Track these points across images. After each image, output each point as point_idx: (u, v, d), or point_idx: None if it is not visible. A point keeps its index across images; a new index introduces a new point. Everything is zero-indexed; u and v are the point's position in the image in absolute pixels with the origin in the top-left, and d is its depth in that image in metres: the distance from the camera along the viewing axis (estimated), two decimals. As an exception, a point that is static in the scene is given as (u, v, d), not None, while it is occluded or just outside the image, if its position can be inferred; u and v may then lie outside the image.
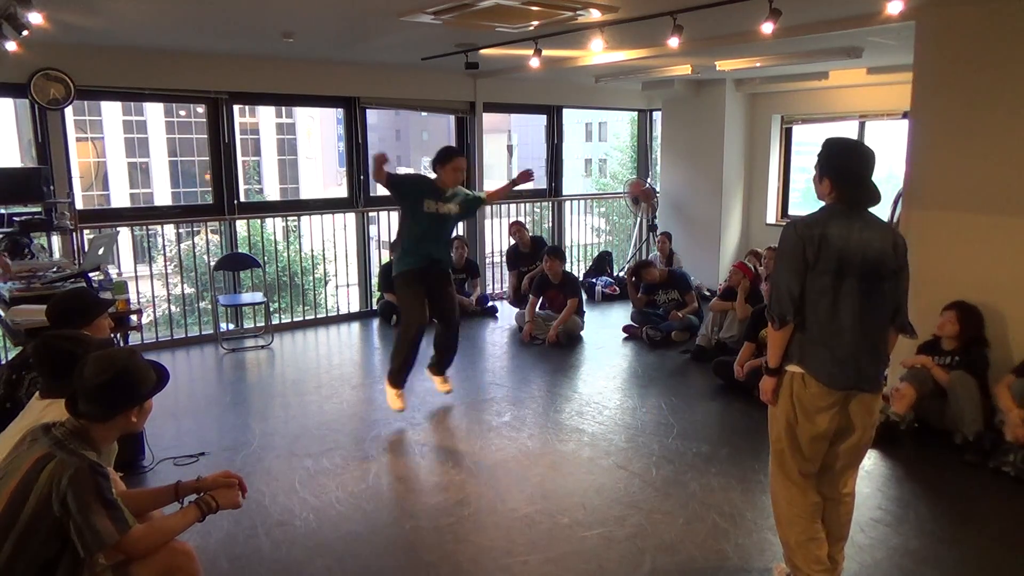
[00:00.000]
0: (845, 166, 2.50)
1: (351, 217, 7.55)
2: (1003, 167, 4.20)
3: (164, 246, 7.96)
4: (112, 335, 3.90)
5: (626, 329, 6.75)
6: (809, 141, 8.51)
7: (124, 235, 10.10)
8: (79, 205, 6.42)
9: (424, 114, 14.24)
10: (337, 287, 9.25)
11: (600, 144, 33.51)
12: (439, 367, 4.96)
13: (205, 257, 10.14)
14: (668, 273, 6.82)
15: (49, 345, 2.48)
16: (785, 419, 2.60)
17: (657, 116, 9.41)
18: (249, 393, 5.33)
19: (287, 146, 36.77)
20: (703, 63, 6.78)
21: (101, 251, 5.06)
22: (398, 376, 4.68)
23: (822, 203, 2.59)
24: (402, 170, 4.85)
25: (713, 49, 5.79)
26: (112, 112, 30.62)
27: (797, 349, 2.53)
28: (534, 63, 5.73)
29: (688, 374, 5.66)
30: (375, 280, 7.71)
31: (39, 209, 5.51)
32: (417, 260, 4.59)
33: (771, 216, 8.52)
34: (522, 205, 9.15)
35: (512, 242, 7.87)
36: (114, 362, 2.11)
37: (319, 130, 37.36)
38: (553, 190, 8.98)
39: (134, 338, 5.70)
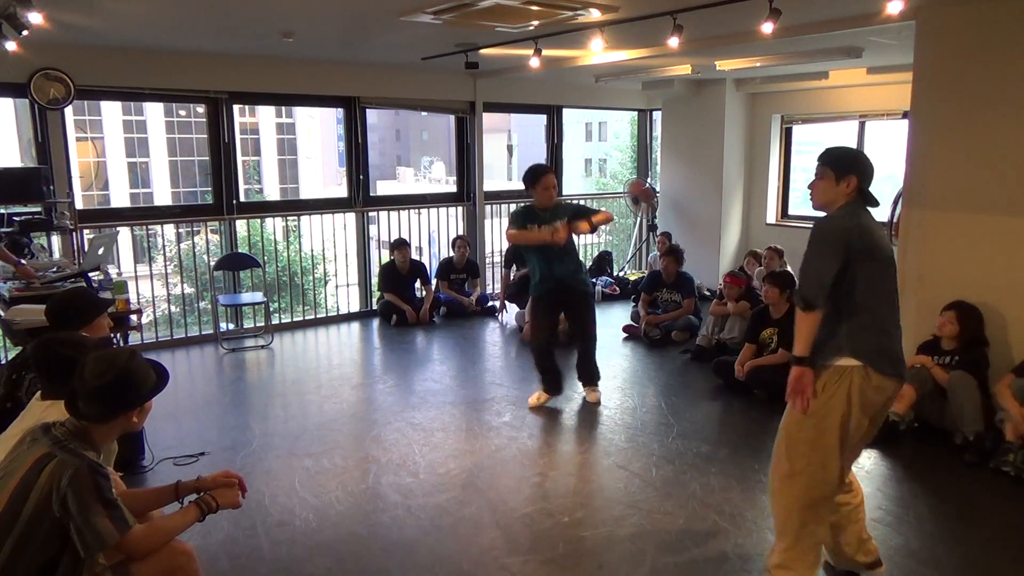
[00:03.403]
0: (868, 168, 2.62)
1: (351, 217, 7.55)
2: (1003, 167, 4.20)
3: (164, 246, 7.96)
4: (112, 335, 3.90)
5: (626, 329, 6.75)
6: (809, 141, 8.51)
7: (124, 235, 10.10)
8: (79, 205, 6.42)
9: (424, 114, 14.22)
10: (337, 287, 9.25)
11: (600, 144, 33.52)
12: (580, 378, 5.07)
13: (205, 257, 10.14)
14: (677, 274, 6.81)
15: (48, 349, 2.47)
16: (840, 416, 2.54)
17: (657, 116, 9.41)
18: (249, 393, 5.33)
19: (287, 146, 36.78)
20: (703, 63, 6.78)
21: (101, 251, 5.06)
22: (542, 382, 4.92)
23: (823, 207, 2.64)
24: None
25: (713, 49, 5.79)
26: (112, 112, 30.63)
27: (848, 340, 2.52)
28: (534, 63, 5.73)
29: (688, 374, 5.66)
30: (375, 280, 7.71)
31: (39, 209, 5.51)
32: (546, 284, 4.76)
33: (771, 216, 8.52)
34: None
35: None
36: (114, 363, 2.11)
37: (319, 130, 37.36)
38: (553, 190, 8.96)
39: (134, 338, 5.70)
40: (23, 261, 4.75)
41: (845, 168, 2.59)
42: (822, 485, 2.58)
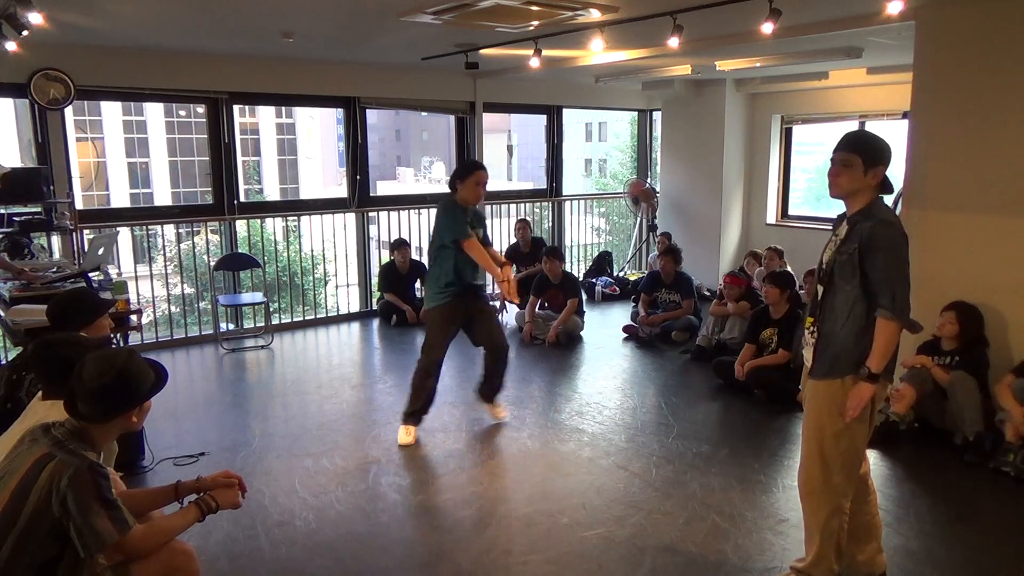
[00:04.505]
0: (889, 158, 2.52)
1: (351, 217, 7.55)
2: (1003, 167, 4.20)
3: (164, 246, 7.96)
4: (112, 335, 3.90)
5: (626, 329, 6.75)
6: (809, 141, 8.52)
7: (124, 235, 10.10)
8: (79, 205, 6.42)
9: (424, 114, 14.20)
10: (337, 287, 9.25)
11: (600, 144, 33.52)
12: (489, 394, 4.61)
13: (205, 257, 10.14)
14: (676, 274, 6.82)
15: (47, 350, 2.47)
16: (868, 421, 2.55)
17: (657, 116, 9.41)
18: (249, 393, 5.33)
19: (287, 146, 36.77)
20: (703, 63, 6.78)
21: (101, 251, 5.06)
22: (415, 414, 4.34)
23: (846, 196, 2.53)
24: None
25: (713, 49, 5.79)
26: (112, 112, 30.62)
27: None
28: (534, 63, 5.73)
29: (688, 374, 5.65)
30: (375, 280, 7.71)
31: (39, 209, 5.50)
32: (455, 288, 4.22)
33: (771, 216, 8.52)
34: (522, 205, 9.15)
35: (514, 240, 7.87)
36: (113, 363, 2.11)
37: (319, 130, 37.36)
38: (553, 190, 8.98)
39: (134, 338, 5.70)
40: (24, 267, 4.73)
41: (876, 158, 2.47)
42: (851, 488, 2.62)
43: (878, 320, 2.44)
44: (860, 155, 2.48)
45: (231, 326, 6.95)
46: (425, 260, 7.94)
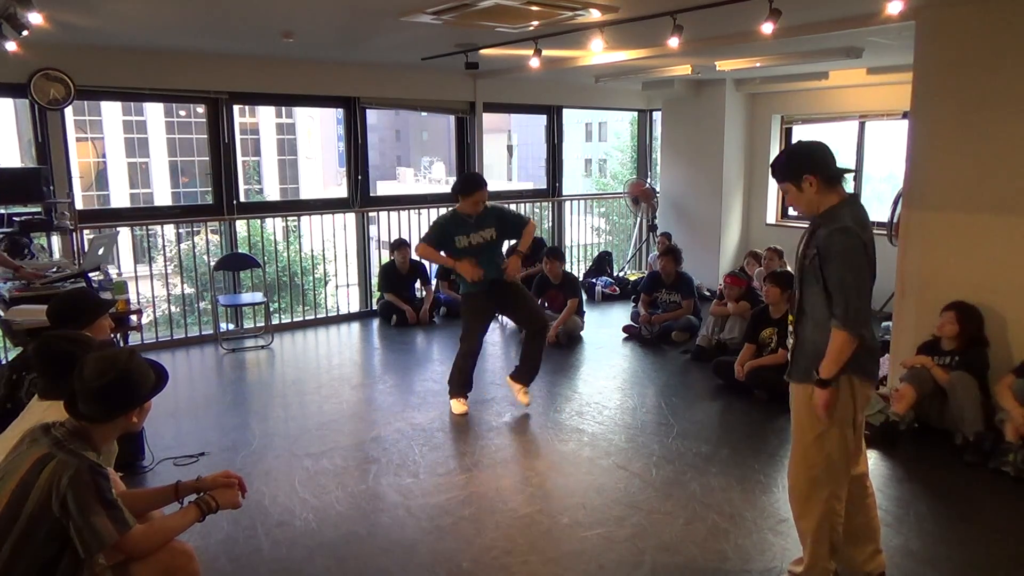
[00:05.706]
0: (818, 156, 2.52)
1: (351, 217, 7.55)
2: (1003, 167, 4.20)
3: (164, 246, 7.97)
4: (112, 335, 3.90)
5: (626, 329, 6.75)
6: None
7: (124, 235, 10.10)
8: (79, 205, 6.42)
9: (424, 114, 14.20)
10: (337, 287, 9.25)
11: (600, 144, 33.51)
12: (522, 377, 4.83)
13: (205, 257, 10.15)
14: (677, 275, 6.82)
15: (50, 346, 2.48)
16: (850, 424, 2.55)
17: (657, 116, 9.41)
18: (249, 393, 5.33)
19: (287, 146, 36.78)
20: (703, 63, 6.78)
21: (101, 251, 5.06)
22: (461, 388, 4.79)
23: (808, 214, 2.58)
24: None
25: (713, 49, 5.79)
26: (112, 112, 30.63)
27: (853, 357, 2.46)
28: (534, 63, 5.73)
29: (688, 374, 5.65)
30: (375, 280, 7.71)
31: (39, 209, 5.51)
32: (480, 284, 4.55)
33: (771, 216, 8.52)
34: (522, 205, 9.15)
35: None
36: (114, 363, 2.11)
37: (319, 130, 37.36)
38: (553, 190, 8.98)
39: (134, 338, 5.70)
40: (22, 264, 4.75)
41: (796, 172, 2.50)
42: (841, 490, 2.61)
43: (832, 328, 2.44)
44: (785, 180, 2.55)
45: (231, 326, 6.94)
46: (425, 261, 7.96)
